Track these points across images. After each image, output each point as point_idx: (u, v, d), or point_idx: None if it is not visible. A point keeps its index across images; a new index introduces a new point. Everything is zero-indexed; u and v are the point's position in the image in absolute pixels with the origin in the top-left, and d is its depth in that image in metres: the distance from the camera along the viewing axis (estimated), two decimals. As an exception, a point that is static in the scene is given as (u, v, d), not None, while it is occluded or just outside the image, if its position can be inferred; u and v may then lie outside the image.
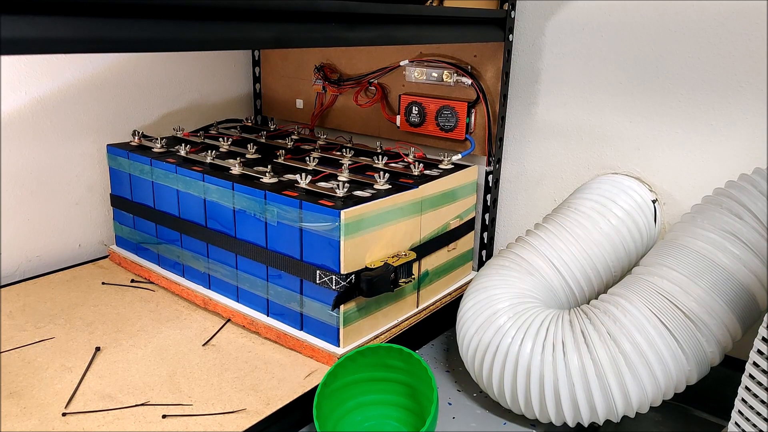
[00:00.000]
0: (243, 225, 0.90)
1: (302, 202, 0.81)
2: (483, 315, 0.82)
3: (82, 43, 0.46)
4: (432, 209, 0.95)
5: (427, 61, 1.13)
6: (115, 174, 1.09)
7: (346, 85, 1.26)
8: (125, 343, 0.86)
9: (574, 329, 0.76)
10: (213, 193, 0.93)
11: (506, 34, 1.03)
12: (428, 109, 1.13)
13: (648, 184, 0.97)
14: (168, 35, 0.52)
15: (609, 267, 0.89)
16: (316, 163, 0.99)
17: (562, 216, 0.92)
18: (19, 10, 0.42)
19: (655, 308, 0.73)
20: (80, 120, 1.14)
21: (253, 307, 0.93)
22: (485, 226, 1.14)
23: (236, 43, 0.61)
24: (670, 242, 0.78)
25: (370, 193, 0.86)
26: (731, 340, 0.73)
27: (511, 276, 0.86)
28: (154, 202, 1.03)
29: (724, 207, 0.75)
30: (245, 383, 0.78)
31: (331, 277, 0.81)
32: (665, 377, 0.72)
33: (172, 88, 1.29)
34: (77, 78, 1.12)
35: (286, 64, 1.36)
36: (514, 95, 1.09)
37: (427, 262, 0.97)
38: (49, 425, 0.69)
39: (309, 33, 0.65)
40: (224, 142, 1.09)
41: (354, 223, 0.79)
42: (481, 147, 1.09)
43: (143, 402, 0.73)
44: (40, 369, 0.79)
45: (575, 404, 0.74)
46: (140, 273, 1.07)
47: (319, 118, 1.33)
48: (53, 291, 1.01)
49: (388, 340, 0.89)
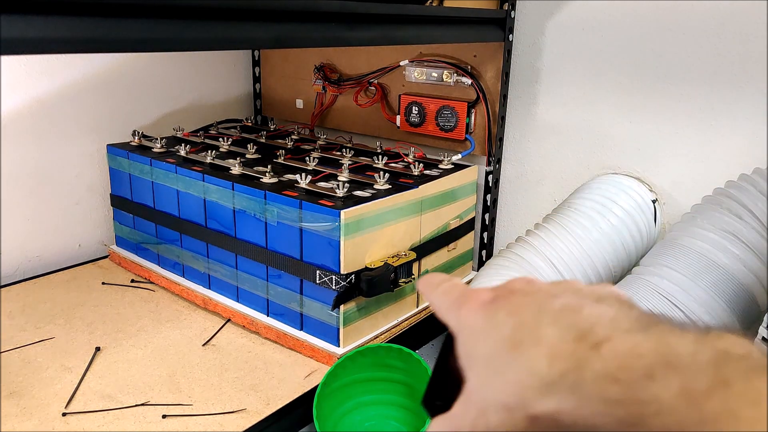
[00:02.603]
0: (243, 225, 0.90)
1: (302, 202, 0.81)
2: (483, 315, 0.82)
3: (82, 43, 0.46)
4: (432, 209, 0.95)
5: (427, 61, 1.13)
6: (115, 174, 1.09)
7: (346, 85, 1.26)
8: (125, 343, 0.86)
9: (574, 329, 0.76)
10: (213, 193, 0.92)
11: (506, 34, 1.03)
12: (428, 109, 1.13)
13: (648, 184, 0.97)
14: (168, 35, 0.52)
15: (609, 267, 0.89)
16: (316, 163, 0.99)
17: (562, 216, 0.92)
18: (19, 10, 0.42)
19: (655, 308, 0.73)
20: (80, 120, 1.14)
21: (253, 307, 0.93)
22: (485, 226, 1.14)
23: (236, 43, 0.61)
24: (670, 242, 0.78)
25: (370, 193, 0.86)
26: (731, 340, 0.73)
27: (511, 276, 0.86)
28: (154, 202, 1.03)
29: (724, 207, 0.75)
30: (245, 383, 0.78)
31: (331, 277, 0.81)
32: (665, 377, 0.72)
33: (172, 88, 1.29)
34: (77, 78, 1.12)
35: (286, 64, 1.36)
36: (514, 95, 1.09)
37: (427, 262, 0.97)
38: (49, 425, 0.69)
39: (309, 33, 0.65)
40: (224, 142, 1.09)
41: (354, 223, 0.79)
42: (481, 147, 1.09)
43: (143, 402, 0.73)
44: (40, 369, 0.79)
45: (575, 404, 0.74)
46: (140, 273, 1.07)
47: (319, 118, 1.33)
48: (53, 291, 1.01)
49: (388, 340, 0.89)
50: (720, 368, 0.23)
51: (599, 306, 0.27)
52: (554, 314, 0.27)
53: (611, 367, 0.25)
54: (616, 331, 0.25)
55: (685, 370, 0.24)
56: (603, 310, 0.27)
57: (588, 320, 0.26)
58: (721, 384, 0.23)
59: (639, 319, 0.27)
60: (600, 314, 0.27)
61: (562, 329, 0.26)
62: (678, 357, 0.24)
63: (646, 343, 0.25)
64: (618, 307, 0.27)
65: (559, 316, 0.27)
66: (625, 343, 0.25)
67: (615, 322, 0.26)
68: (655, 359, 0.24)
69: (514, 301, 0.28)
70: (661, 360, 0.24)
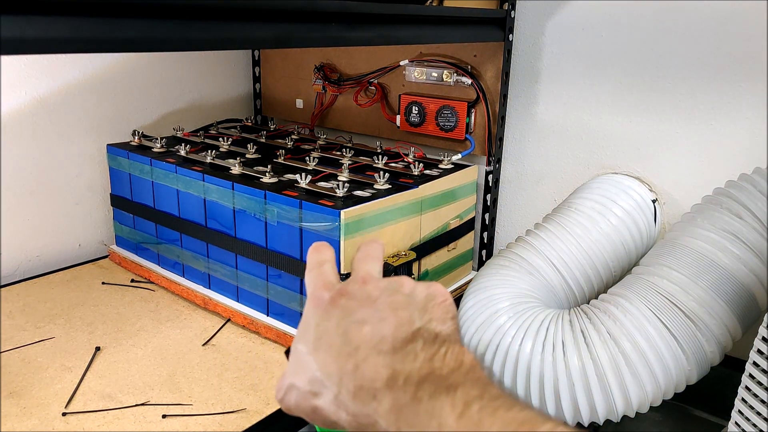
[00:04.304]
0: (243, 225, 0.90)
1: (302, 201, 0.81)
2: (483, 314, 0.82)
3: (82, 43, 0.46)
4: (432, 209, 0.95)
5: (427, 61, 1.13)
6: (115, 174, 1.09)
7: (346, 84, 1.26)
8: (125, 343, 0.86)
9: (574, 329, 0.76)
10: (213, 193, 0.93)
11: (506, 34, 1.03)
12: (428, 109, 1.13)
13: (648, 184, 0.97)
14: (168, 35, 0.52)
15: (609, 267, 0.89)
16: (316, 163, 0.99)
17: (562, 216, 0.92)
18: (19, 10, 0.42)
19: (655, 308, 0.73)
20: (80, 120, 1.14)
21: (253, 307, 0.93)
22: (485, 226, 1.14)
23: (236, 43, 0.61)
24: (670, 242, 0.78)
25: (370, 193, 0.86)
26: (731, 340, 0.73)
27: (511, 276, 0.86)
28: (154, 202, 1.03)
29: (724, 207, 0.75)
30: (245, 383, 0.78)
31: (331, 277, 0.80)
32: (665, 377, 0.72)
33: (172, 88, 1.29)
34: (77, 78, 1.12)
35: (286, 64, 1.36)
36: (514, 95, 1.09)
37: (427, 262, 0.97)
38: (49, 425, 0.69)
39: (309, 33, 0.65)
40: (224, 142, 1.09)
41: (354, 223, 0.79)
42: (481, 147, 1.09)
43: (143, 402, 0.73)
44: (40, 369, 0.79)
45: (575, 404, 0.74)
46: (140, 273, 1.07)
47: (319, 118, 1.33)
48: (53, 291, 1.01)
49: (388, 340, 0.89)
50: (421, 385, 0.30)
51: (381, 325, 0.33)
52: (344, 331, 0.34)
53: (355, 386, 0.32)
54: (372, 354, 0.32)
55: (398, 389, 0.30)
56: (379, 330, 0.33)
57: (363, 339, 0.33)
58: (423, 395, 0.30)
59: (405, 339, 0.33)
60: (372, 335, 0.33)
61: (342, 344, 0.34)
62: (401, 376, 0.31)
63: (383, 369, 0.31)
64: (405, 322, 0.34)
65: (347, 331, 0.34)
66: (369, 367, 0.32)
67: (379, 345, 0.33)
68: (383, 380, 0.31)
69: (332, 311, 0.35)
70: (386, 381, 0.31)
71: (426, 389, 0.30)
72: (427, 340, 0.33)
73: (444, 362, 0.31)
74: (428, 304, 0.35)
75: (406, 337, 0.33)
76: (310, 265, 0.40)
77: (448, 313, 0.35)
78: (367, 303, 0.35)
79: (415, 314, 0.34)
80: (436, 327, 0.34)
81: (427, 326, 0.34)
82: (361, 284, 0.36)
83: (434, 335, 0.33)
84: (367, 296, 0.35)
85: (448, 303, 0.36)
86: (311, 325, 0.35)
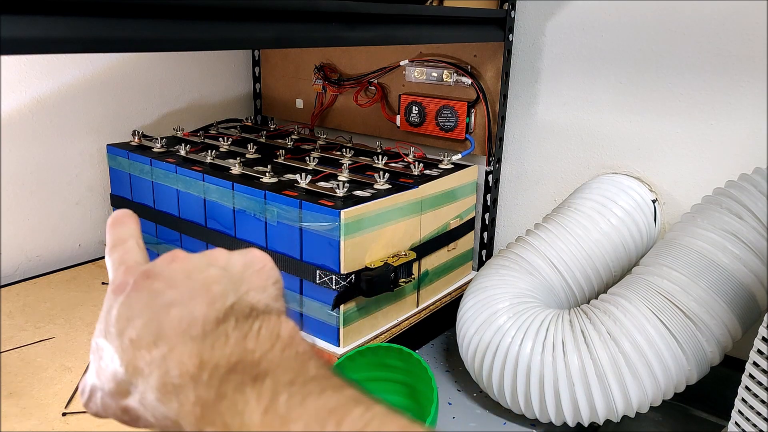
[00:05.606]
0: (243, 225, 0.90)
1: (302, 201, 0.81)
2: (483, 315, 0.82)
3: (82, 43, 0.46)
4: (432, 209, 0.95)
5: (427, 61, 1.13)
6: (115, 174, 1.09)
7: (346, 84, 1.26)
8: (125, 343, 0.86)
9: (574, 329, 0.76)
10: (213, 193, 0.92)
11: (506, 34, 1.03)
12: (428, 109, 1.13)
13: (648, 184, 0.97)
14: (168, 35, 0.52)
15: (609, 267, 0.89)
16: (316, 163, 0.99)
17: (562, 216, 0.92)
18: (19, 10, 0.42)
19: (655, 308, 0.73)
20: (80, 120, 1.14)
21: (253, 307, 0.93)
22: (485, 226, 1.14)
23: (236, 43, 0.61)
24: (670, 242, 0.78)
25: (370, 193, 0.86)
26: (731, 340, 0.73)
27: (511, 276, 0.86)
28: (154, 202, 1.03)
29: (724, 207, 0.75)
30: (245, 383, 0.78)
31: (331, 276, 0.80)
32: (665, 377, 0.72)
33: (172, 88, 1.29)
34: (77, 78, 1.12)
35: (286, 64, 1.36)
36: (514, 95, 1.09)
37: (427, 262, 0.97)
38: (49, 425, 0.69)
39: (309, 33, 0.65)
40: (224, 142, 1.09)
41: (354, 223, 0.79)
42: (481, 147, 1.09)
43: (143, 402, 0.73)
44: (40, 369, 0.79)
45: (575, 404, 0.74)
46: (140, 273, 1.07)
47: (319, 118, 1.33)
48: (53, 291, 1.01)
49: (388, 339, 0.89)
50: (228, 376, 0.27)
51: (191, 305, 0.29)
52: (150, 317, 0.29)
53: (159, 382, 0.28)
54: (179, 342, 0.28)
55: (202, 385, 0.27)
56: (189, 312, 0.29)
57: (170, 324, 0.29)
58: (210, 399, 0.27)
59: (217, 319, 0.29)
60: (181, 318, 0.29)
61: (148, 333, 0.29)
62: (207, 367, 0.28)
63: (189, 360, 0.28)
64: (218, 299, 0.30)
65: (154, 318, 0.29)
66: (175, 357, 0.28)
67: (188, 330, 0.29)
68: (189, 374, 0.28)
69: (135, 296, 0.31)
70: (191, 375, 0.27)
71: (232, 381, 0.27)
72: (240, 317, 0.29)
73: (257, 342, 0.28)
74: (245, 273, 0.32)
75: (218, 316, 0.29)
76: (111, 242, 0.35)
77: (269, 279, 0.32)
78: (176, 282, 0.30)
79: (229, 287, 0.30)
80: (254, 297, 0.31)
81: (243, 298, 0.30)
82: (169, 262, 0.32)
83: (249, 309, 0.30)
84: (177, 274, 0.31)
85: (268, 268, 0.33)
86: (113, 315, 0.31)
